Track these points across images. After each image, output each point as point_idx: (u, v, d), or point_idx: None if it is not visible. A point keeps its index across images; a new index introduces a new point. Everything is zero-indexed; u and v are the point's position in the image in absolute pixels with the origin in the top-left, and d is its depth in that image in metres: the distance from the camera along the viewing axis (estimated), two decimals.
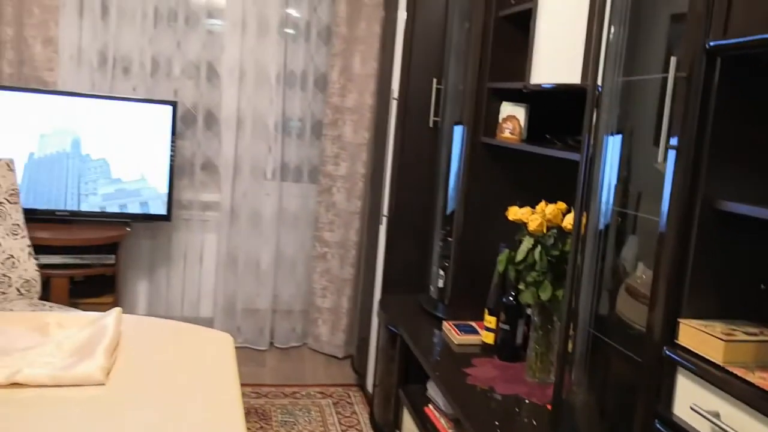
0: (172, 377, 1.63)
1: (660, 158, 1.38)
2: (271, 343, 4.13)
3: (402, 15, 3.20)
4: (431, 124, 3.10)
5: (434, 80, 3.05)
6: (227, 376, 1.67)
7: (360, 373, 3.67)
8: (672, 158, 1.38)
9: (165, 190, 3.68)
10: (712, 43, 1.29)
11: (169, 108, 3.66)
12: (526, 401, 2.15)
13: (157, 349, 1.80)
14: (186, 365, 1.71)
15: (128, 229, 3.63)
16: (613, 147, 1.64)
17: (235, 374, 1.68)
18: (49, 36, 3.59)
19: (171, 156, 3.67)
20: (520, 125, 2.48)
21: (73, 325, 1.78)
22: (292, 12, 3.95)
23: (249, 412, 3.29)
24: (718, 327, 1.33)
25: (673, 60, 1.34)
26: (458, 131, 2.77)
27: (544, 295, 2.12)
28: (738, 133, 1.34)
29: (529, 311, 2.35)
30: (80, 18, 3.68)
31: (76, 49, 3.69)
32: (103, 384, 1.52)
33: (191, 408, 1.49)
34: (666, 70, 1.39)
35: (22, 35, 3.57)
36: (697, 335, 1.34)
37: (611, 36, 1.62)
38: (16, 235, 3.04)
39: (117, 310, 1.84)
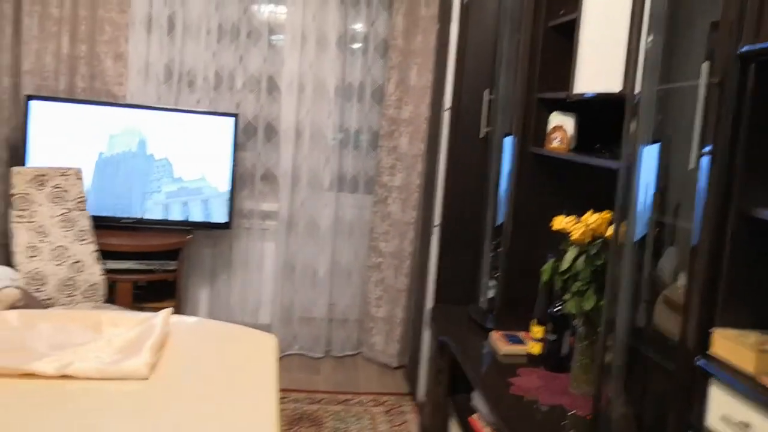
0: (213, 375, 1.69)
1: (692, 165, 1.37)
2: (327, 351, 4.19)
3: (455, 27, 3.23)
4: (482, 135, 3.11)
5: (486, 91, 3.06)
6: (267, 375, 1.72)
7: (412, 382, 3.69)
8: (705, 166, 1.36)
9: (226, 199, 3.80)
10: (744, 48, 1.28)
11: (231, 120, 3.78)
12: (570, 413, 2.13)
13: (201, 348, 1.87)
14: (228, 364, 1.78)
15: (190, 236, 3.76)
16: (650, 155, 1.62)
17: (274, 374, 1.73)
18: (119, 52, 3.78)
19: (232, 166, 3.79)
20: (568, 135, 2.47)
21: (125, 323, 1.86)
22: (351, 26, 4.03)
23: (302, 418, 3.35)
24: (751, 337, 1.30)
25: (705, 66, 1.33)
26: (508, 142, 2.78)
27: (588, 305, 2.10)
28: None
29: (574, 321, 2.32)
30: (148, 34, 3.85)
31: (144, 64, 3.86)
32: (147, 379, 1.59)
33: (228, 405, 1.54)
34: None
35: (94, 51, 3.77)
36: (730, 345, 1.31)
37: (649, 43, 1.61)
38: (84, 240, 3.20)
39: (166, 310, 1.92)
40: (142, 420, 1.44)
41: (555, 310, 2.38)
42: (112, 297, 3.37)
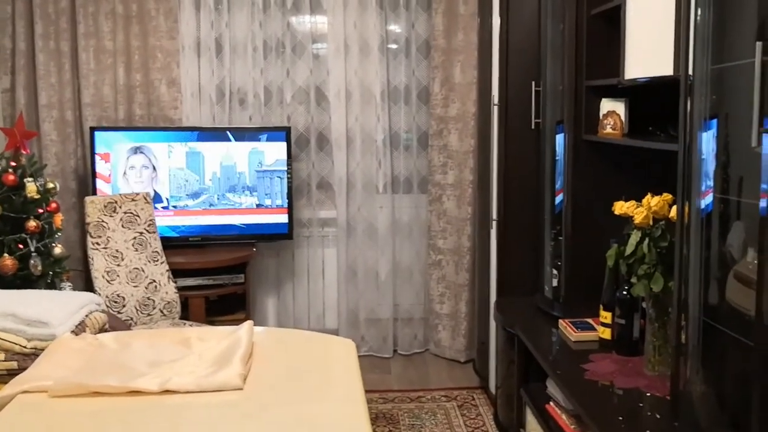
0: (301, 380, 1.78)
1: (754, 142, 1.39)
2: (395, 351, 4.27)
3: (496, 21, 3.27)
4: (533, 126, 3.14)
5: (533, 83, 3.09)
6: (352, 378, 1.80)
7: (482, 375, 3.74)
8: (767, 142, 1.38)
9: (285, 211, 3.91)
10: None
11: (284, 133, 3.89)
12: (647, 394, 2.15)
13: (286, 356, 1.96)
14: (313, 369, 1.86)
15: (254, 249, 3.88)
16: (709, 135, 1.64)
17: (358, 376, 1.81)
18: (172, 77, 3.92)
19: (288, 177, 3.90)
20: (621, 120, 2.49)
21: (212, 338, 1.97)
22: (392, 29, 4.10)
23: (378, 417, 3.43)
24: None
25: (758, 45, 1.35)
26: (560, 131, 2.80)
27: (656, 287, 2.12)
28: None
29: (643, 304, 2.34)
30: (198, 58, 3.99)
31: (196, 87, 4.00)
32: (241, 389, 1.69)
33: (320, 408, 1.63)
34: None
35: (148, 79, 3.92)
36: None
37: (698, 21, 1.64)
38: (156, 261, 3.34)
39: (249, 322, 2.02)
40: (242, 428, 1.54)
41: (622, 294, 2.40)
42: (186, 313, 3.51)
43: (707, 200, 1.68)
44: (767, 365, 1.42)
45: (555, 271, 2.91)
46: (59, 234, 3.26)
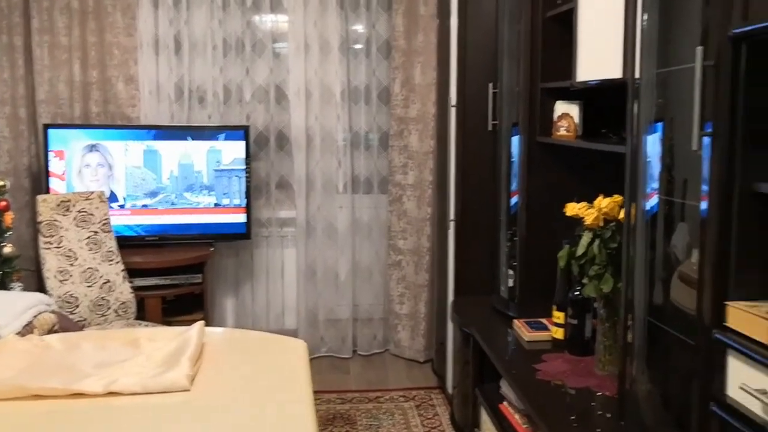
0: (250, 382, 1.77)
1: (695, 146, 1.42)
2: (354, 351, 4.27)
3: (454, 23, 3.28)
4: (490, 128, 3.16)
5: (490, 85, 3.12)
6: (301, 379, 1.79)
7: (440, 375, 3.75)
8: (707, 145, 1.41)
9: (243, 210, 3.88)
10: (735, 30, 1.32)
11: (242, 132, 3.86)
12: (598, 393, 2.18)
13: (236, 357, 1.95)
14: (261, 371, 1.85)
15: (212, 248, 3.84)
16: (654, 138, 1.67)
17: (308, 377, 1.80)
18: (129, 75, 3.87)
19: (247, 177, 3.87)
20: (574, 122, 2.52)
21: (161, 338, 1.94)
22: (352, 29, 4.09)
23: (335, 418, 3.43)
24: (764, 307, 1.35)
25: (699, 50, 1.38)
26: (516, 133, 2.83)
27: (606, 288, 2.15)
28: None
29: (595, 305, 2.37)
30: (156, 55, 3.94)
31: (154, 85, 3.95)
32: (188, 390, 1.67)
33: (266, 410, 1.62)
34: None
35: (105, 76, 3.86)
36: (744, 316, 1.36)
37: (645, 25, 1.66)
38: (111, 261, 3.29)
39: (200, 323, 2.00)
40: (187, 430, 1.52)
41: (574, 294, 2.43)
42: (142, 313, 3.46)
43: (652, 202, 1.71)
44: (707, 365, 1.45)
45: (510, 272, 2.94)
46: (10, 233, 3.20)
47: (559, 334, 2.54)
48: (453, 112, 3.32)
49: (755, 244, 1.39)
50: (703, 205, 1.44)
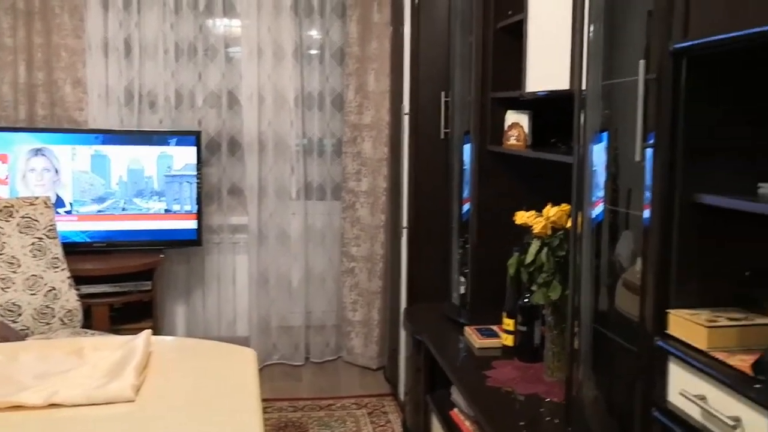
0: (198, 391, 1.74)
1: (637, 156, 1.45)
2: (307, 358, 4.24)
3: (407, 31, 3.30)
4: (442, 136, 3.18)
5: (442, 93, 3.14)
6: (249, 388, 1.77)
7: (392, 382, 3.75)
8: (649, 156, 1.44)
9: (194, 217, 3.83)
10: (676, 46, 1.36)
11: (194, 137, 3.81)
12: (546, 400, 2.20)
13: (183, 367, 1.91)
14: (209, 380, 1.82)
15: (162, 255, 3.78)
16: (600, 148, 1.70)
17: (256, 386, 1.78)
18: (77, 77, 3.79)
19: (198, 183, 3.82)
20: (524, 132, 2.55)
21: (106, 347, 1.90)
22: (306, 35, 4.08)
23: (287, 426, 3.40)
24: (703, 315, 1.39)
25: (641, 63, 1.41)
26: (467, 141, 2.85)
27: (554, 295, 2.18)
28: (710, 130, 1.40)
29: (543, 312, 2.40)
30: (105, 58, 3.86)
31: (103, 88, 3.87)
32: (133, 401, 1.63)
33: (213, 421, 1.59)
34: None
35: (52, 78, 3.77)
36: (684, 324, 1.40)
37: (591, 38, 1.70)
38: (57, 268, 3.20)
39: (147, 331, 1.96)
40: None
41: (524, 301, 2.46)
42: (88, 322, 3.38)
43: (598, 210, 1.74)
44: (649, 371, 1.48)
45: (462, 279, 2.96)
46: None
47: (509, 341, 2.56)
48: (406, 119, 3.34)
49: (695, 253, 1.42)
50: (646, 214, 1.48)
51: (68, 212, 3.70)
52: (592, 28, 1.72)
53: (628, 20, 1.60)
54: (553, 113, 2.55)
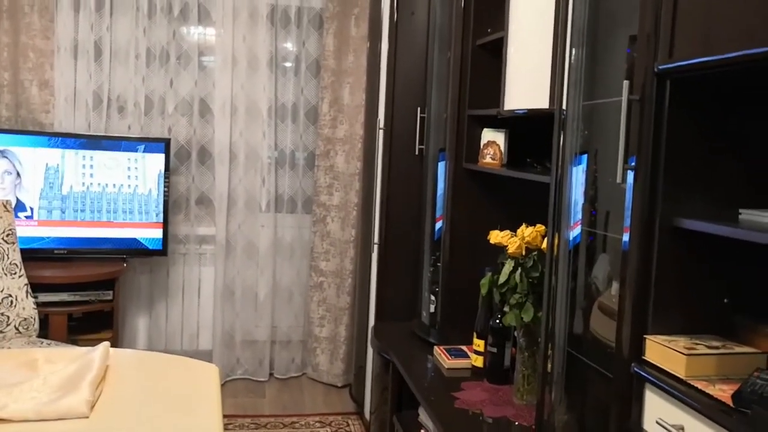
0: (155, 409, 1.66)
1: (619, 179, 1.42)
2: (271, 374, 4.15)
3: (385, 46, 3.27)
4: (417, 152, 3.15)
5: (418, 109, 3.11)
6: (211, 405, 1.70)
7: (358, 401, 3.68)
8: (630, 179, 1.42)
9: (160, 226, 3.74)
10: (660, 67, 1.34)
11: (163, 145, 3.73)
12: (515, 423, 2.16)
13: (142, 382, 1.83)
14: (169, 397, 1.75)
15: (125, 264, 3.68)
16: (579, 169, 1.68)
17: (218, 403, 1.71)
18: (44, 79, 3.69)
19: (165, 191, 3.73)
20: (500, 150, 2.53)
21: (61, 360, 1.81)
22: (282, 47, 4.04)
23: None
24: (681, 342, 1.36)
25: (625, 84, 1.39)
26: (442, 158, 2.82)
27: (527, 317, 2.15)
28: (692, 153, 1.38)
29: (515, 333, 2.37)
30: (75, 61, 3.76)
31: (71, 91, 3.77)
32: (87, 417, 1.55)
33: None
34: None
35: (18, 79, 3.66)
36: (662, 351, 1.37)
37: (573, 58, 1.68)
38: (14, 274, 3.09)
39: (104, 344, 1.88)
40: None
41: (495, 322, 2.42)
42: (45, 331, 3.26)
43: (575, 232, 1.71)
44: (624, 397, 1.44)
45: (432, 297, 2.92)
46: None
47: (479, 362, 2.52)
48: (381, 134, 3.30)
49: (674, 278, 1.40)
50: (625, 237, 1.45)
51: (29, 217, 3.58)
52: (573, 51, 1.70)
53: (612, 41, 1.58)
54: (529, 131, 2.54)
